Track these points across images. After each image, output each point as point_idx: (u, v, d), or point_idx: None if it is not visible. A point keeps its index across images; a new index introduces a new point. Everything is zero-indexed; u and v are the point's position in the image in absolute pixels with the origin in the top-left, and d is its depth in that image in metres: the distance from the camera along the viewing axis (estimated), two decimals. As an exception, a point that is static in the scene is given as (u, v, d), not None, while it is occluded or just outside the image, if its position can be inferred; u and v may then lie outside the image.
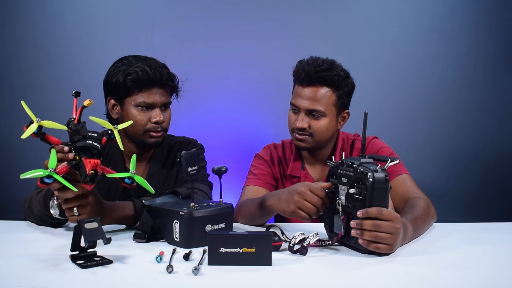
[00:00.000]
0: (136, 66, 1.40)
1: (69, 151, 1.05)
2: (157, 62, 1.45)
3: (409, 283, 0.88)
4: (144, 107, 1.42)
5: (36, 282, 0.86)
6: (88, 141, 1.03)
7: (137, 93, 1.41)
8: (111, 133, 1.11)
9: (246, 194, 1.53)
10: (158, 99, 1.43)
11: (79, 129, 1.04)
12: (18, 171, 1.00)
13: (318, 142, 1.51)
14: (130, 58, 1.44)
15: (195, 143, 1.64)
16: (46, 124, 1.02)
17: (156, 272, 0.91)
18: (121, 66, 1.42)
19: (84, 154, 1.03)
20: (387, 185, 1.02)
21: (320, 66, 1.46)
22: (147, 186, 1.11)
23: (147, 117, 1.42)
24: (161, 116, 1.43)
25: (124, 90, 1.41)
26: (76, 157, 1.04)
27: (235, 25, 2.74)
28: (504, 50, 2.79)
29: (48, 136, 1.05)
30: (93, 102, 1.06)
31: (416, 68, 2.79)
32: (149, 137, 1.44)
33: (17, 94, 2.64)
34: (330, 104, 1.48)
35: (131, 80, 1.39)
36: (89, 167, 1.01)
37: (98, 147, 1.04)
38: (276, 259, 0.97)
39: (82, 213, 1.12)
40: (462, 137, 2.81)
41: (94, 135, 1.06)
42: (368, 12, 2.78)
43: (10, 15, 2.69)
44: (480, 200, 2.81)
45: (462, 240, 1.20)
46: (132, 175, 1.08)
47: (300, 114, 1.49)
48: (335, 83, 1.47)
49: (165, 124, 1.47)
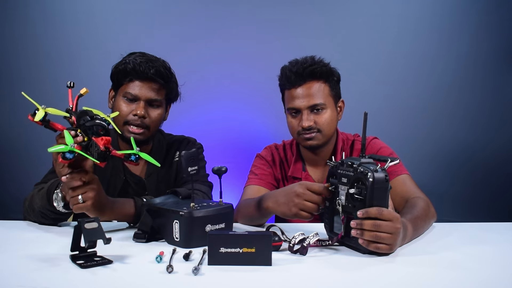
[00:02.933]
0: (131, 58, 1.43)
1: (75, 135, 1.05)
2: (154, 58, 1.46)
3: (409, 283, 0.88)
4: (129, 98, 1.43)
5: (36, 282, 0.86)
6: (97, 120, 1.05)
7: (126, 84, 1.43)
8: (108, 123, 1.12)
9: (247, 194, 1.53)
10: (144, 93, 1.42)
11: (86, 111, 1.06)
12: (18, 171, 1.00)
13: (326, 136, 1.53)
14: (137, 52, 1.47)
15: (194, 142, 1.64)
16: (51, 111, 1.03)
17: (156, 272, 0.91)
18: (125, 57, 1.46)
19: (92, 134, 1.05)
20: (387, 185, 1.02)
21: (305, 63, 1.50)
22: (152, 160, 1.13)
23: (130, 109, 1.43)
24: (142, 110, 1.41)
25: (117, 80, 1.45)
26: (84, 139, 1.05)
27: (235, 25, 2.74)
28: (504, 50, 2.79)
29: (52, 123, 1.06)
30: (88, 91, 1.09)
31: (416, 68, 2.79)
32: (127, 131, 1.43)
33: (17, 93, 2.62)
34: (327, 96, 1.51)
35: (121, 69, 1.42)
36: (102, 144, 1.03)
37: (106, 126, 1.06)
38: (276, 259, 0.97)
39: (87, 199, 1.13)
40: (462, 137, 2.81)
41: (99, 116, 1.07)
42: (368, 12, 2.79)
43: (10, 15, 2.69)
44: (480, 200, 2.81)
45: (462, 240, 1.20)
46: (137, 152, 1.10)
47: (303, 114, 1.49)
48: (324, 74, 1.50)
49: (148, 121, 1.44)
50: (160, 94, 1.46)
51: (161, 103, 1.47)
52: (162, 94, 1.47)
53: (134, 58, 1.43)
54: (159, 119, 1.47)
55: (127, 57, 1.47)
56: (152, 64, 1.42)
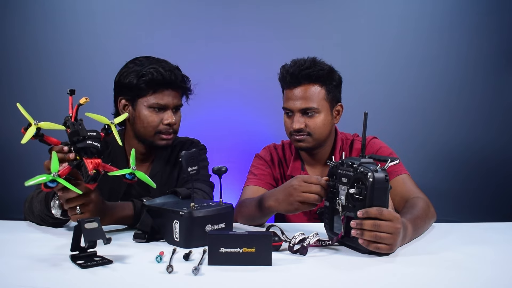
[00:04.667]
0: (150, 67, 1.40)
1: (69, 151, 1.05)
2: (170, 64, 1.46)
3: (409, 283, 0.88)
4: (156, 108, 1.43)
5: (36, 282, 0.86)
6: (88, 141, 1.04)
7: (150, 94, 1.42)
8: (108, 128, 1.11)
9: (246, 194, 1.53)
10: (171, 101, 1.44)
11: (78, 130, 1.04)
12: (18, 171, 1.00)
13: (317, 140, 1.51)
14: (142, 59, 1.45)
15: (198, 144, 1.64)
16: (44, 125, 1.02)
17: (156, 272, 0.91)
18: (134, 66, 1.43)
19: (85, 154, 1.04)
20: (387, 185, 1.02)
21: (303, 65, 1.48)
22: (149, 181, 1.11)
23: (159, 119, 1.43)
24: (173, 118, 1.44)
25: (137, 91, 1.42)
26: (76, 157, 1.05)
27: (235, 25, 2.74)
28: (504, 50, 2.79)
29: (47, 137, 1.06)
30: (88, 100, 1.07)
31: (416, 68, 2.79)
32: (160, 139, 1.45)
33: (17, 94, 2.64)
34: (321, 100, 1.49)
35: (145, 81, 1.40)
36: (91, 167, 1.02)
37: (98, 146, 1.04)
38: (276, 259, 0.97)
39: (85, 211, 1.12)
40: (462, 137, 2.81)
41: (93, 134, 1.06)
42: (369, 12, 2.78)
43: (10, 15, 2.69)
44: (480, 200, 2.81)
45: (462, 240, 1.20)
46: (133, 171, 1.09)
47: (295, 116, 1.49)
48: (320, 77, 1.48)
49: (176, 127, 1.48)
50: (181, 97, 1.50)
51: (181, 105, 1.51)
52: (182, 97, 1.51)
53: (153, 67, 1.40)
54: (180, 120, 1.51)
55: (134, 65, 1.43)
56: (177, 72, 1.44)
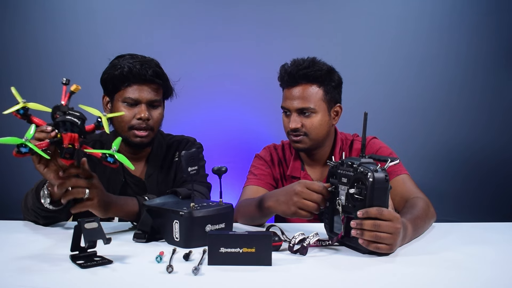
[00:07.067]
0: (124, 62, 1.41)
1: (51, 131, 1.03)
2: (148, 59, 1.45)
3: (409, 283, 0.88)
4: (129, 103, 1.42)
5: (36, 282, 0.85)
6: (67, 116, 1.01)
7: (124, 89, 1.42)
8: (100, 120, 1.11)
9: (246, 194, 1.53)
10: (144, 95, 1.42)
11: (60, 106, 1.02)
12: (18, 171, 1.00)
13: (314, 140, 1.51)
14: (126, 55, 1.46)
15: (194, 142, 1.63)
16: (32, 106, 1.01)
17: (156, 272, 0.91)
18: (114, 62, 1.44)
19: (64, 130, 1.01)
20: (387, 185, 1.02)
21: (301, 65, 1.48)
22: (128, 163, 1.07)
23: (132, 114, 1.42)
24: (145, 113, 1.41)
25: (112, 86, 1.43)
26: (58, 135, 1.02)
27: (235, 25, 2.74)
28: (504, 50, 2.79)
29: (33, 118, 1.04)
30: (80, 88, 1.04)
31: (416, 68, 2.79)
32: (133, 135, 1.43)
33: (17, 94, 2.64)
34: (318, 100, 1.49)
35: (117, 75, 1.40)
36: (67, 141, 1.00)
37: (77, 122, 1.02)
38: (276, 259, 0.97)
39: (92, 196, 1.12)
40: (462, 137, 2.81)
41: (76, 113, 1.03)
42: (369, 12, 2.79)
43: (10, 15, 2.69)
44: (480, 200, 2.81)
45: (462, 240, 1.20)
46: (114, 153, 1.06)
47: (292, 115, 1.49)
48: (318, 78, 1.48)
49: (152, 123, 1.44)
50: (159, 93, 1.46)
51: (160, 103, 1.48)
52: (160, 93, 1.47)
53: (127, 61, 1.41)
54: (160, 118, 1.48)
55: (116, 61, 1.44)
56: (148, 65, 1.41)
